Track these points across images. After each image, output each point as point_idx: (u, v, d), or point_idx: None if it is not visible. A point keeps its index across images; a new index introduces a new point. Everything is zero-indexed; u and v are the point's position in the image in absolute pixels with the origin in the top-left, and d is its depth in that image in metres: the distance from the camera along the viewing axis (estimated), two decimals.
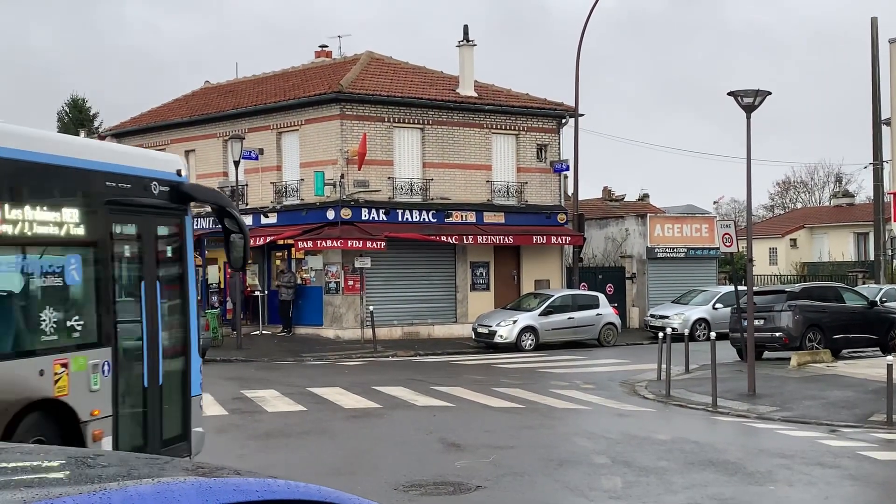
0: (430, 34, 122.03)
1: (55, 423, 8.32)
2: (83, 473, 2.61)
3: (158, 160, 10.02)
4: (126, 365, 9.09)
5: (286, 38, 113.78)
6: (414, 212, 32.36)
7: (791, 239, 64.38)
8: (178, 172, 9.89)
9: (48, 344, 8.27)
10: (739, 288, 21.16)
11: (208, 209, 33.65)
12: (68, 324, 8.52)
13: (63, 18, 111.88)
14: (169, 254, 10.08)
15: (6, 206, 7.89)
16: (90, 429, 8.54)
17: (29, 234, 8.15)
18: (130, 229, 9.52)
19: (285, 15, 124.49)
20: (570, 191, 36.46)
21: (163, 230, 9.90)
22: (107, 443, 8.75)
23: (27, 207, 8.12)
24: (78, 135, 48.44)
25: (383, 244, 30.31)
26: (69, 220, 8.59)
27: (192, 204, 10.12)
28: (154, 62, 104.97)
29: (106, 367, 8.77)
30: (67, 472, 2.61)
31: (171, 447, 9.47)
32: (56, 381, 8.23)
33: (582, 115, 34.86)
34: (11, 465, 2.68)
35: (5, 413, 7.74)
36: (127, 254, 9.55)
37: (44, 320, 8.24)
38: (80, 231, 8.72)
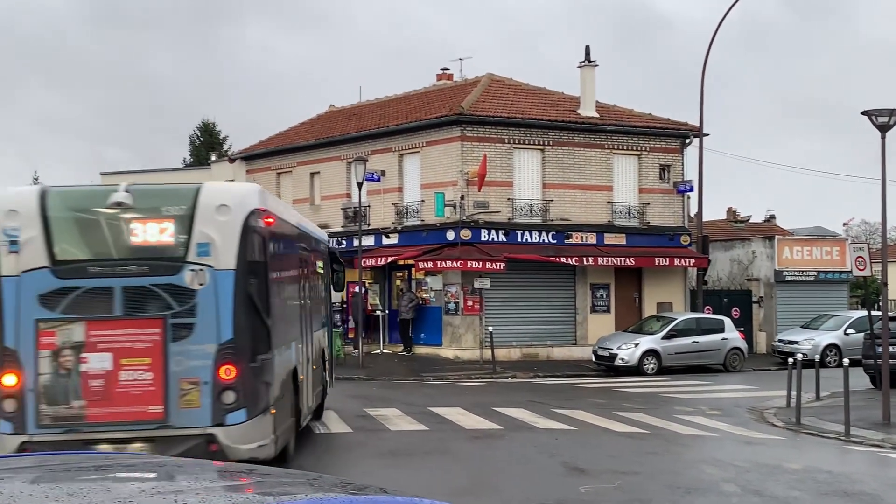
0: (548, 53, 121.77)
1: (294, 380, 12.60)
2: (240, 487, 2.68)
3: (323, 233, 18.71)
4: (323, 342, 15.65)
5: (403, 60, 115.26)
6: (534, 233, 32.28)
7: None
8: (327, 237, 18.21)
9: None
10: (873, 313, 20.34)
11: (333, 229, 34.35)
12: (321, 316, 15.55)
13: (185, 42, 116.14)
14: (326, 278, 17.95)
15: (317, 258, 16.12)
16: (301, 383, 13.04)
17: (320, 269, 16.50)
18: (325, 266, 17.50)
19: (402, 37, 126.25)
20: (694, 212, 35.76)
21: (325, 266, 17.56)
22: (306, 391, 13.55)
23: (316, 257, 15.89)
24: (209, 158, 50.15)
25: (503, 265, 30.30)
26: (321, 262, 16.50)
27: (316, 224, 18.96)
28: (273, 84, 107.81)
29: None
30: (226, 486, 2.68)
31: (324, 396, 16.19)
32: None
33: (707, 134, 34.25)
34: (174, 480, 2.76)
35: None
36: (324, 279, 17.56)
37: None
38: (321, 267, 16.31)
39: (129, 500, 2.40)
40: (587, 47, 34.41)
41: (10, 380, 9.86)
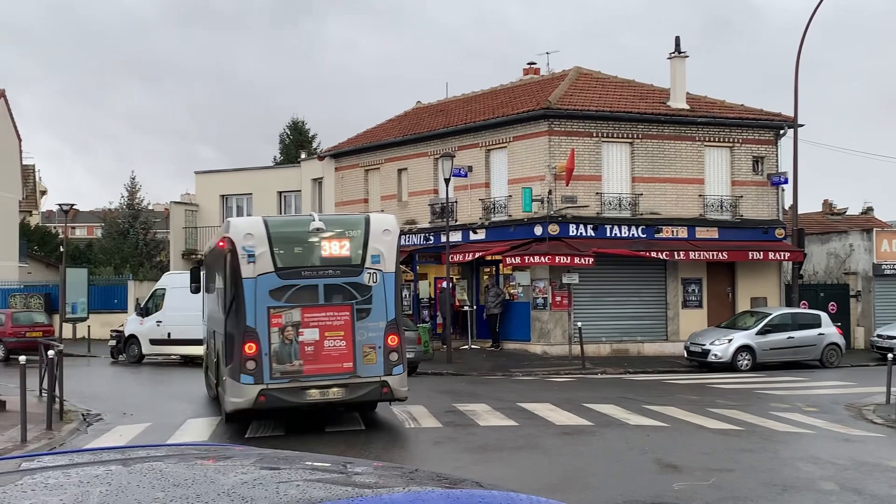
0: (630, 43, 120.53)
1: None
2: (340, 480, 2.70)
3: None
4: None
5: (489, 56, 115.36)
6: (623, 227, 31.95)
7: None
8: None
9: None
10: None
11: (420, 225, 34.58)
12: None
13: (269, 41, 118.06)
14: None
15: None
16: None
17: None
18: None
19: (485, 32, 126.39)
20: (788, 204, 34.92)
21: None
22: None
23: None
24: (298, 156, 50.87)
25: (591, 260, 30.07)
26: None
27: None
28: (359, 82, 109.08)
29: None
30: (324, 478, 2.71)
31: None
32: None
33: (802, 125, 33.40)
34: (275, 471, 2.80)
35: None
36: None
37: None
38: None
39: (232, 491, 2.44)
40: (677, 38, 33.91)
41: (251, 348, 14.28)
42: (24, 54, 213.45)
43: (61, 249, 44.33)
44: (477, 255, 32.67)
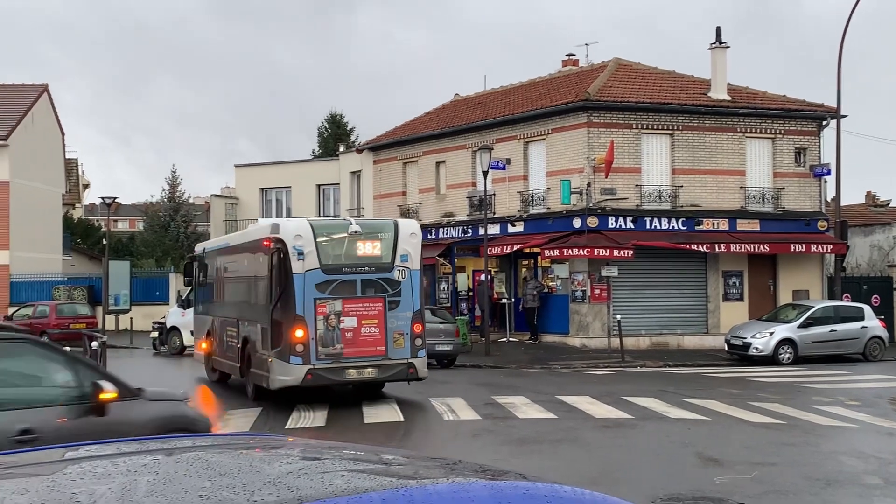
0: (668, 31, 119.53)
1: None
2: (384, 470, 2.71)
3: None
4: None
5: (526, 47, 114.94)
6: (662, 219, 31.74)
7: None
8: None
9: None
10: None
11: (458, 218, 34.58)
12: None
13: (305, 34, 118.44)
14: None
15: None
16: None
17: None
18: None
19: (513, 19, 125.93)
20: (831, 196, 34.50)
21: None
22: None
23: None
24: (337, 149, 51.08)
25: (631, 252, 29.91)
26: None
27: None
28: (398, 75, 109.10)
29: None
30: (368, 469, 2.72)
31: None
32: None
33: (844, 116, 32.96)
34: (320, 461, 2.82)
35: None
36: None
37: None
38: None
39: (278, 481, 2.46)
40: (718, 28, 33.64)
41: (300, 333, 16.47)
42: (63, 49, 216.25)
43: (104, 242, 44.93)
44: (515, 247, 32.60)
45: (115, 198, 39.90)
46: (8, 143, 40.71)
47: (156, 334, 32.36)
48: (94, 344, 17.19)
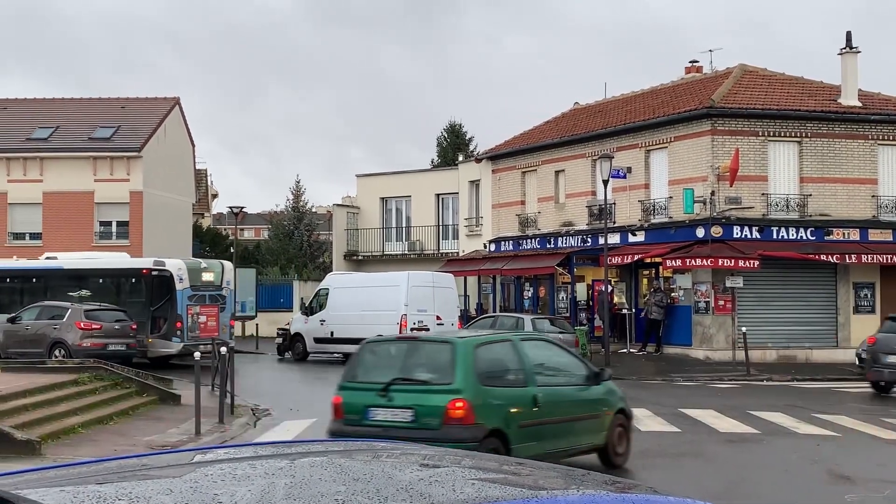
0: (781, 34, 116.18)
1: None
2: (511, 480, 2.73)
3: None
4: None
5: (648, 55, 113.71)
6: (790, 229, 30.83)
7: None
8: None
9: None
10: None
11: (577, 227, 34.36)
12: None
13: (411, 39, 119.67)
14: None
15: None
16: None
17: None
18: None
19: (623, 22, 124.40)
20: None
21: None
22: None
23: None
24: (456, 158, 51.41)
25: (757, 263, 29.15)
26: None
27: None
28: (499, 76, 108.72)
29: None
30: (498, 478, 2.74)
31: None
32: None
33: None
34: (450, 469, 2.85)
35: None
36: None
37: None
38: None
39: (410, 487, 2.50)
40: (848, 33, 32.50)
41: (178, 323, 27.95)
42: (179, 60, 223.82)
43: (231, 250, 46.26)
44: (636, 257, 32.18)
45: (243, 207, 41.09)
46: (142, 155, 42.37)
47: (280, 340, 33.16)
48: (223, 350, 17.69)
